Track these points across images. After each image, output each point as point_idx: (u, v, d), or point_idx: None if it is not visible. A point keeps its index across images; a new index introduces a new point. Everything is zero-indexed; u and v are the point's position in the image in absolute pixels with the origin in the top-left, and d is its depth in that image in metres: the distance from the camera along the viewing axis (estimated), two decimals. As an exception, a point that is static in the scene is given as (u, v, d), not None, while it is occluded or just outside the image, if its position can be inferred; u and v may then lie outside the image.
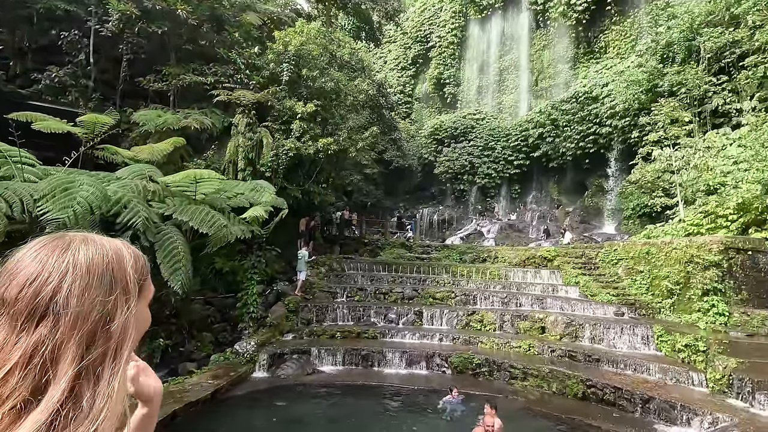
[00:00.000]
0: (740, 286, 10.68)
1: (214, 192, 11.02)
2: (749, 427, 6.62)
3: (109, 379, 0.69)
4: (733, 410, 7.37)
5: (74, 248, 0.74)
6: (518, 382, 9.78)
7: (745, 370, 8.07)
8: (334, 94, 16.37)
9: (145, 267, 0.84)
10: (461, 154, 33.01)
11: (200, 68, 15.24)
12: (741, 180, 14.91)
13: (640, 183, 20.85)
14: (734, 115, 18.98)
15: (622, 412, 8.24)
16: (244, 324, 11.96)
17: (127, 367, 0.76)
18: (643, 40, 25.63)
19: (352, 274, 15.86)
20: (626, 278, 13.49)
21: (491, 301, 13.50)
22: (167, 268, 8.66)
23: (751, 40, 18.06)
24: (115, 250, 0.79)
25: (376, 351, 10.88)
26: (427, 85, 42.99)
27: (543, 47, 36.61)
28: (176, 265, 8.82)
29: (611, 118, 25.30)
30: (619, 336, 10.62)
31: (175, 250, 9.03)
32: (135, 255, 0.83)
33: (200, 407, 7.62)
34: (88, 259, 0.73)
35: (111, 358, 0.71)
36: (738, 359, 8.29)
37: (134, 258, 0.82)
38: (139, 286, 0.81)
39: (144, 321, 0.83)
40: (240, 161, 13.86)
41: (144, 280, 0.83)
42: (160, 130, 13.24)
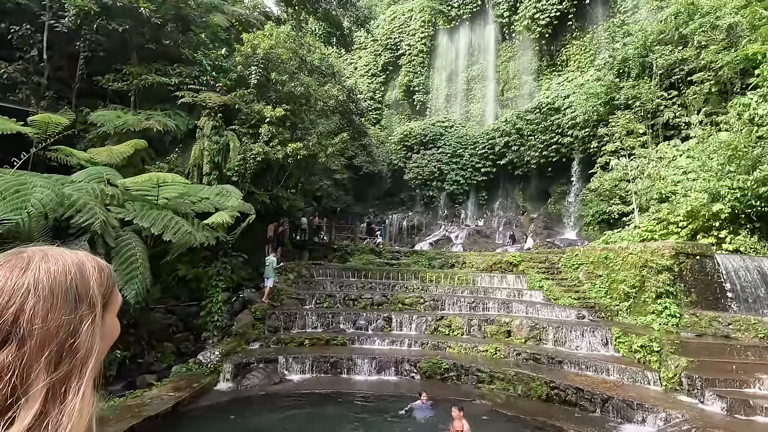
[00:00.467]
0: (690, 288, 11.34)
1: (178, 196, 10.66)
2: (698, 422, 7.01)
3: (75, 396, 0.68)
4: (684, 407, 7.78)
5: (34, 267, 0.71)
6: (485, 385, 9.94)
7: (694, 368, 8.56)
8: (303, 98, 16.24)
9: (109, 277, 0.82)
10: (430, 160, 33.49)
11: (164, 68, 14.75)
12: (690, 189, 15.89)
13: (599, 191, 21.83)
14: (683, 128, 20.25)
15: (584, 412, 8.53)
16: (208, 333, 11.56)
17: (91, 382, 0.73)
18: (601, 55, 26.98)
19: (321, 280, 15.69)
20: (586, 282, 14.03)
21: (459, 306, 13.70)
22: (122, 275, 8.28)
23: (698, 59, 19.37)
24: (78, 264, 0.76)
25: (345, 358, 10.79)
26: (396, 92, 43.43)
27: (509, 59, 37.83)
28: (132, 273, 8.44)
29: (572, 128, 26.40)
30: (580, 338, 11.02)
31: (132, 257, 8.65)
32: (98, 266, 0.80)
33: (160, 421, 7.28)
34: (50, 277, 0.71)
35: (77, 375, 0.69)
36: (688, 358, 8.78)
37: (98, 270, 0.79)
38: (105, 297, 0.79)
39: (112, 332, 0.81)
40: (205, 165, 13.47)
41: (109, 291, 0.81)
42: (119, 131, 12.69)
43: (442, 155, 33.55)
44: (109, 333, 0.81)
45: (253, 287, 14.19)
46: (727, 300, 11.28)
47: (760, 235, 13.56)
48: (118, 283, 7.40)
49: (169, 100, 14.42)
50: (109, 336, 0.81)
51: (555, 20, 32.51)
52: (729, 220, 13.91)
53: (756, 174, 12.87)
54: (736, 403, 7.43)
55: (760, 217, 13.41)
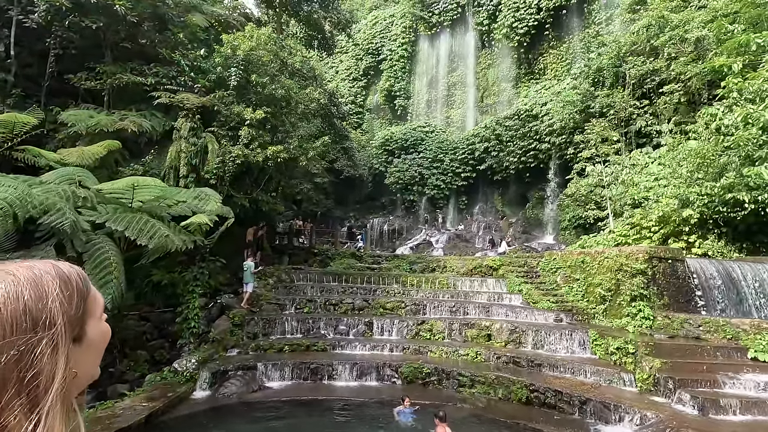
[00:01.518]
0: (662, 291, 11.69)
1: (153, 199, 10.36)
2: (672, 422, 7.20)
3: (37, 425, 0.63)
4: (658, 407, 7.98)
5: None
6: (466, 389, 9.97)
7: (667, 369, 8.80)
8: (284, 101, 16.08)
9: (80, 285, 0.77)
10: (411, 165, 33.66)
11: (139, 68, 14.37)
12: (661, 195, 16.45)
13: (575, 196, 22.36)
14: (655, 136, 20.98)
15: (563, 414, 8.65)
16: (184, 340, 11.23)
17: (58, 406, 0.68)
18: (577, 64, 27.76)
19: (301, 285, 15.49)
20: (564, 286, 14.31)
21: (440, 310, 13.73)
22: (96, 281, 7.95)
23: (668, 70, 20.14)
24: (33, 282, 0.70)
25: (326, 364, 10.64)
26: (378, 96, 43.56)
27: (488, 66, 38.51)
28: (106, 278, 8.14)
29: (550, 135, 27.01)
30: (559, 341, 11.20)
31: (106, 261, 8.34)
32: (63, 277, 0.74)
33: (133, 433, 7.01)
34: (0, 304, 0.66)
35: (37, 404, 0.64)
36: (662, 360, 9.03)
37: (61, 281, 0.73)
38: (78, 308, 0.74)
39: (100, 338, 0.79)
40: (182, 167, 13.15)
41: (83, 299, 0.77)
42: (92, 132, 12.26)
43: (423, 160, 33.78)
44: (97, 341, 0.78)
45: (231, 292, 13.89)
46: (698, 302, 11.69)
47: (726, 239, 14.14)
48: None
49: (145, 100, 14.04)
50: (96, 344, 0.78)
51: (533, 29, 33.30)
52: (698, 225, 14.46)
53: (722, 181, 13.42)
54: (707, 403, 7.66)
55: (727, 222, 13.98)
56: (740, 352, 9.29)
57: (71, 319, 0.73)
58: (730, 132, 13.51)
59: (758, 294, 11.29)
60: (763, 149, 12.42)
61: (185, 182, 13.05)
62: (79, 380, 0.74)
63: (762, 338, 9.17)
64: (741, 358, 9.19)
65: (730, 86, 13.82)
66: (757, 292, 11.30)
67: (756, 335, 9.33)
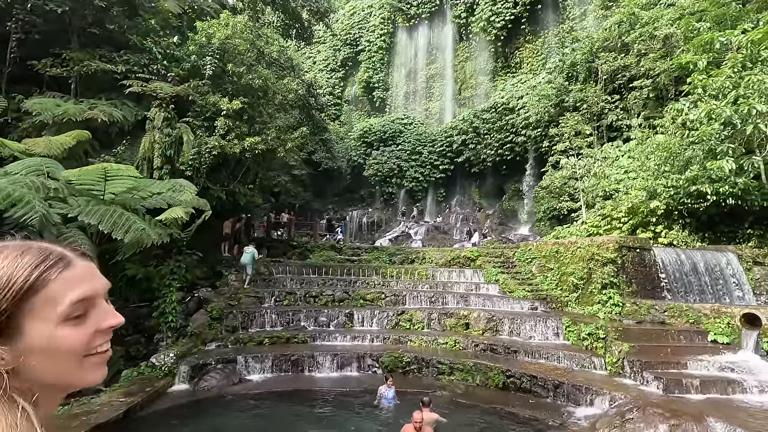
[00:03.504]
0: (631, 279, 12.23)
1: (126, 191, 10.06)
2: (639, 402, 7.61)
3: None
4: (626, 389, 8.41)
5: None
6: (445, 376, 10.22)
7: (635, 353, 9.26)
8: (261, 91, 15.81)
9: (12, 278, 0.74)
10: (390, 157, 33.71)
11: (109, 55, 13.81)
12: (630, 187, 17.09)
13: (550, 188, 22.96)
14: (625, 130, 21.71)
15: (537, 398, 9.00)
16: (161, 335, 11.04)
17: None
18: (552, 58, 28.32)
19: (280, 278, 15.41)
20: (539, 275, 14.75)
21: (419, 301, 13.95)
22: (69, 276, 7.71)
23: (638, 66, 20.80)
24: None
25: (307, 355, 10.69)
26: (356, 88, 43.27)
27: (466, 59, 38.77)
28: (80, 273, 7.89)
29: (526, 128, 27.53)
30: (534, 328, 11.58)
31: (79, 255, 8.07)
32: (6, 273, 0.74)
33: (111, 429, 6.89)
34: None
35: None
36: (630, 344, 9.49)
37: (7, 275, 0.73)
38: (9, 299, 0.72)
39: (47, 343, 0.74)
40: (156, 158, 12.79)
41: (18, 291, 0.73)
42: (59, 121, 11.76)
43: (402, 152, 33.89)
44: (41, 346, 0.74)
45: (209, 286, 13.69)
46: (663, 289, 12.28)
47: (690, 229, 14.84)
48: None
49: (115, 89, 13.53)
50: (43, 350, 0.74)
51: (509, 23, 33.68)
52: (664, 215, 15.12)
53: (687, 174, 14.05)
54: (670, 383, 8.12)
55: (691, 213, 14.67)
56: (701, 335, 9.85)
57: None
58: (694, 127, 14.12)
59: (717, 280, 11.96)
60: (724, 144, 13.04)
61: (160, 174, 12.70)
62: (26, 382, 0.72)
63: (721, 322, 9.75)
64: (702, 340, 9.75)
65: (695, 83, 14.42)
66: (716, 279, 11.97)
67: (715, 319, 9.90)
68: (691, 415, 6.89)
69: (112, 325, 0.84)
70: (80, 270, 0.82)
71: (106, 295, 0.87)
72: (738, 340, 9.29)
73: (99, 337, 0.82)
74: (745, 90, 12.51)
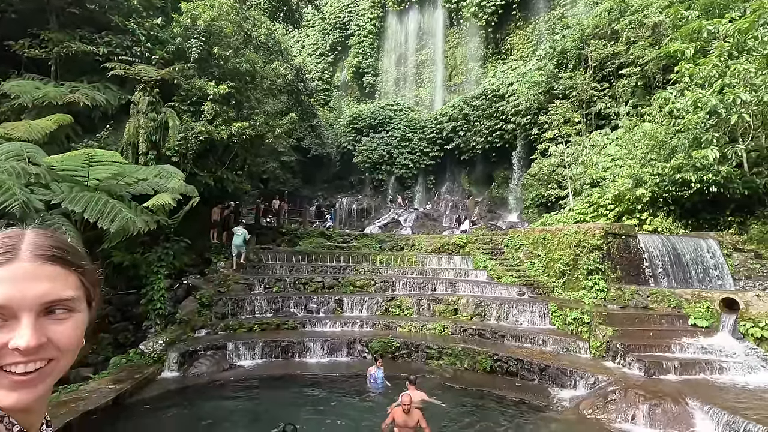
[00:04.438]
0: (616, 265, 12.47)
1: (111, 177, 9.87)
2: (621, 384, 7.84)
3: None
4: (609, 371, 8.65)
5: None
6: (434, 361, 10.38)
7: (618, 337, 9.50)
8: (249, 76, 15.52)
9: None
10: (379, 144, 33.55)
11: (90, 36, 13.39)
12: (617, 175, 17.29)
13: (539, 176, 23.14)
14: (613, 118, 21.88)
15: (524, 381, 9.21)
16: (149, 322, 10.98)
17: None
18: (542, 45, 28.24)
19: (270, 264, 15.36)
20: (527, 261, 14.95)
21: (409, 287, 14.07)
22: (54, 263, 7.59)
23: (627, 53, 20.87)
24: None
25: (297, 341, 10.74)
26: (345, 73, 42.74)
27: (456, 44, 38.46)
28: (66, 260, 7.76)
29: (515, 115, 27.57)
30: (521, 314, 11.79)
31: (63, 243, 7.93)
32: None
33: (100, 415, 6.87)
34: None
35: None
36: (614, 328, 9.73)
37: None
38: None
39: None
40: (141, 144, 12.53)
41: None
42: (39, 104, 11.43)
43: (392, 139, 33.73)
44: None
45: (198, 273, 13.60)
46: (647, 275, 12.56)
47: (674, 216, 15.14)
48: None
49: (97, 71, 13.16)
50: None
51: (500, 9, 33.41)
52: (649, 203, 15.38)
53: (672, 162, 14.27)
54: (651, 366, 8.37)
55: (675, 200, 14.94)
56: (682, 319, 10.14)
57: None
58: (681, 115, 14.29)
59: (698, 266, 12.27)
60: (709, 132, 13.25)
61: (145, 159, 12.46)
62: None
63: (701, 306, 10.03)
64: (683, 324, 10.04)
65: (683, 71, 14.55)
66: (697, 264, 12.28)
67: (696, 304, 10.19)
68: (670, 396, 7.13)
69: (16, 345, 0.70)
70: (11, 272, 0.72)
71: (39, 310, 0.73)
72: (717, 324, 9.59)
73: (8, 355, 0.70)
74: (731, 79, 12.66)
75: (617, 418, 7.18)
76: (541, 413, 7.74)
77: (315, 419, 7.49)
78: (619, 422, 7.09)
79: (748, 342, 8.93)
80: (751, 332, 8.86)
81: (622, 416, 7.15)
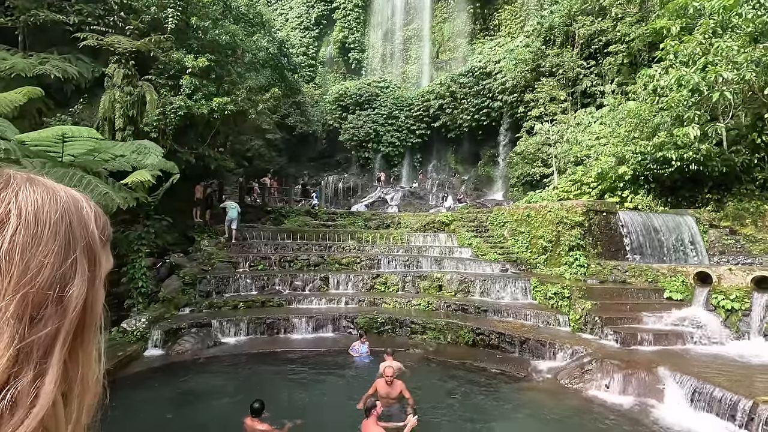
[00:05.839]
0: (596, 242, 12.72)
1: (87, 153, 9.55)
2: (597, 354, 8.11)
3: (58, 372, 0.53)
4: (587, 343, 8.92)
5: (15, 187, 0.55)
6: (418, 335, 10.57)
7: (596, 310, 9.77)
8: (230, 49, 15.03)
9: (107, 229, 0.65)
10: (366, 121, 33.11)
11: (59, 4, 12.73)
12: (601, 153, 17.46)
13: (524, 154, 23.22)
14: (599, 96, 21.92)
15: (505, 353, 9.46)
16: (131, 301, 10.87)
17: (91, 357, 0.59)
18: (530, 21, 27.88)
19: (254, 243, 15.26)
20: (510, 238, 15.15)
21: (394, 264, 14.17)
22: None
23: (614, 30, 20.76)
24: (73, 199, 0.60)
25: (282, 318, 10.79)
26: (331, 48, 41.71)
27: (444, 20, 37.70)
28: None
29: (502, 93, 27.40)
30: (504, 289, 12.01)
31: (37, 220, 7.71)
32: (96, 211, 0.64)
33: (82, 393, 6.85)
34: (36, 203, 0.55)
35: (63, 342, 0.54)
36: (592, 302, 9.99)
37: (96, 214, 0.63)
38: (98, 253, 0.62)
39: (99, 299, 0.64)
40: (117, 119, 12.14)
41: (104, 246, 0.64)
42: (6, 76, 10.91)
43: (378, 116, 33.30)
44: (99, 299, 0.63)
45: (181, 251, 13.46)
46: (626, 250, 12.86)
47: (654, 194, 15.43)
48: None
49: (68, 42, 12.59)
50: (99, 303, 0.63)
51: (489, -17, 32.71)
52: (631, 181, 15.63)
53: (654, 140, 14.44)
54: (627, 337, 8.67)
55: (656, 178, 15.20)
56: (658, 292, 10.46)
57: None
58: (664, 93, 14.37)
59: (675, 242, 12.60)
60: (691, 110, 13.38)
61: (122, 135, 12.11)
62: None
63: (676, 280, 10.35)
64: (659, 298, 10.36)
65: (668, 49, 14.55)
66: (674, 241, 12.61)
67: (671, 278, 10.50)
68: (642, 365, 7.41)
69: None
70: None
71: None
72: (690, 297, 9.92)
73: None
74: (714, 57, 12.72)
75: (593, 386, 7.45)
76: (520, 383, 7.98)
77: (299, 393, 7.60)
78: (595, 390, 7.36)
79: (719, 314, 9.28)
80: (722, 304, 9.20)
81: (597, 385, 7.43)
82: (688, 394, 6.54)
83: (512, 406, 7.08)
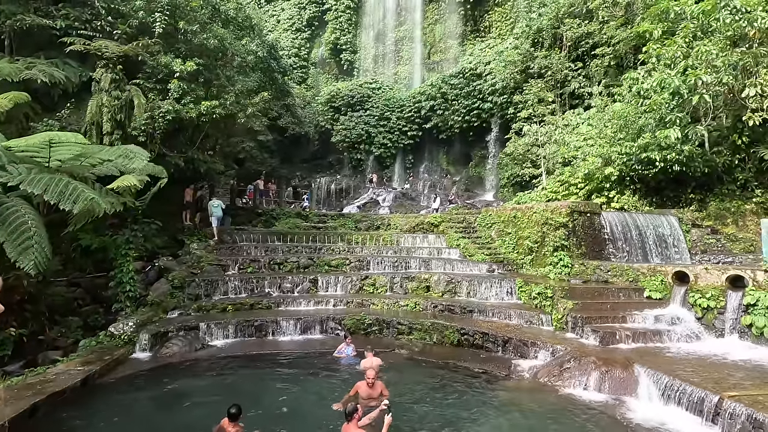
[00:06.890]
0: (581, 242, 12.94)
1: (73, 158, 9.61)
2: (577, 353, 8.30)
3: None
4: (568, 342, 9.11)
5: None
6: (405, 336, 10.72)
7: (578, 309, 9.97)
8: (218, 52, 15.11)
9: None
10: (358, 123, 33.24)
11: (45, 9, 12.76)
12: (588, 154, 17.70)
13: (514, 155, 23.45)
14: (586, 98, 22.19)
15: (488, 353, 9.63)
16: (119, 304, 10.92)
17: None
18: (520, 23, 28.15)
19: (244, 245, 15.35)
20: (498, 239, 15.35)
21: (383, 266, 14.31)
22: (14, 246, 7.47)
23: (601, 33, 21.03)
24: None
25: (271, 320, 10.89)
26: (323, 49, 41.79)
27: (435, 21, 37.93)
28: (27, 243, 7.65)
29: (492, 94, 27.65)
30: (490, 290, 12.19)
31: (24, 225, 7.79)
32: None
33: (69, 396, 6.92)
34: None
35: None
36: (574, 301, 10.19)
37: None
38: None
39: None
40: (105, 123, 12.19)
41: None
42: (-8, 81, 10.93)
43: (370, 118, 33.44)
44: None
45: (170, 255, 13.53)
46: (609, 250, 13.09)
47: (640, 194, 15.68)
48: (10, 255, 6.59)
49: (55, 46, 12.61)
50: None
51: (479, -16, 32.96)
52: (617, 181, 15.87)
53: (639, 141, 14.67)
54: (606, 336, 8.87)
55: (641, 179, 15.44)
56: (638, 292, 10.68)
57: None
58: (648, 96, 14.62)
59: (658, 241, 12.85)
60: (673, 113, 13.62)
61: (110, 140, 12.16)
62: None
63: (655, 279, 10.58)
64: (639, 297, 10.58)
65: (650, 52, 14.81)
66: (657, 240, 12.85)
67: (651, 277, 10.73)
68: (619, 363, 7.61)
69: None
70: None
71: None
72: (669, 296, 10.15)
73: None
74: (694, 60, 12.97)
75: (571, 384, 7.63)
76: (502, 382, 8.15)
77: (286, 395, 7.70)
78: (572, 388, 7.54)
79: (695, 312, 9.51)
80: (699, 303, 9.43)
81: (576, 382, 7.61)
82: (661, 390, 6.74)
83: (492, 405, 7.24)
